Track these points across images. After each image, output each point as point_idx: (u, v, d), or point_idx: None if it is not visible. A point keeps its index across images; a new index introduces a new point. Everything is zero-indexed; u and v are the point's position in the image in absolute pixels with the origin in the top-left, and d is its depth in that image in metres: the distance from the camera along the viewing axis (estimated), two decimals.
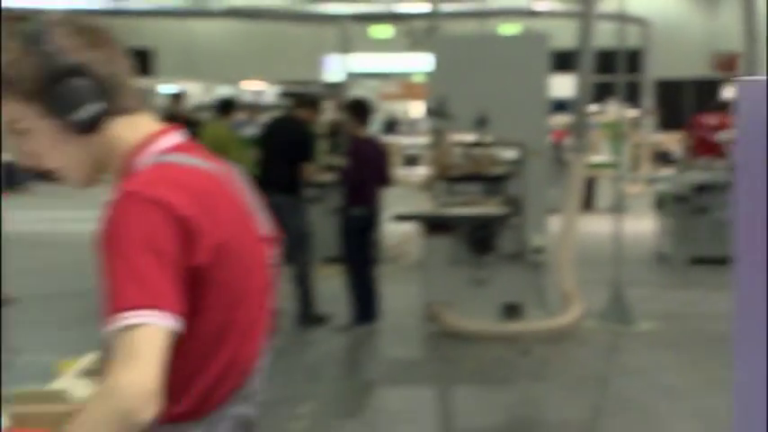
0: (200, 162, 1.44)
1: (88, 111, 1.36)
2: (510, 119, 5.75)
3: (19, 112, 1.39)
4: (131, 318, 1.24)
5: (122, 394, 1.23)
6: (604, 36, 7.20)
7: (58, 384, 2.49)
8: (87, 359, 2.49)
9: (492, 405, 5.08)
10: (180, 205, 1.30)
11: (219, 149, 7.08)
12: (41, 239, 9.93)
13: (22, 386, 2.51)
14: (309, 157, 6.39)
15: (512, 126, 5.84)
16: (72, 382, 2.51)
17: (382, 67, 17.75)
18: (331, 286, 6.76)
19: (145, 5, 15.37)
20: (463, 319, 6.04)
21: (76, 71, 1.36)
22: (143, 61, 16.95)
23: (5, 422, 2.07)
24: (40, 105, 1.37)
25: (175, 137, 1.47)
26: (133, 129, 1.45)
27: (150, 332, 1.25)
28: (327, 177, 7.20)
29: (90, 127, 1.38)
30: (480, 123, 5.70)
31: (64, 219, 10.86)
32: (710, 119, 8.55)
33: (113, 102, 1.41)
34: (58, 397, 2.37)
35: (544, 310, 6.11)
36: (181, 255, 1.30)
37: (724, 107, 8.73)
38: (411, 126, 15.43)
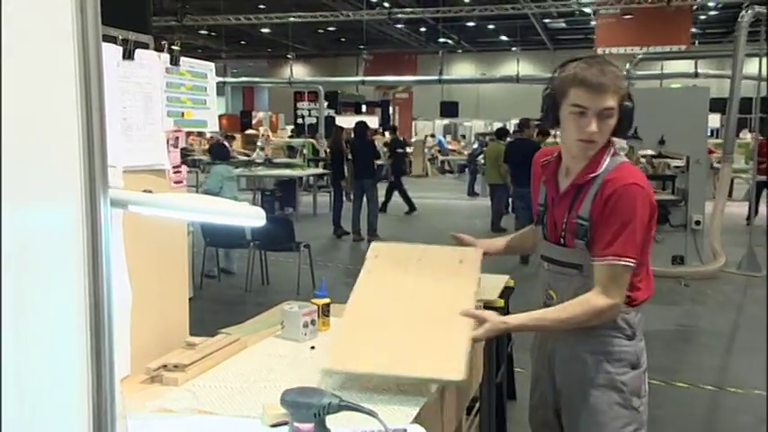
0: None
1: (631, 128, 1.88)
2: (681, 140, 7.23)
3: (613, 106, 1.78)
4: (628, 261, 1.77)
5: (617, 306, 1.79)
6: (745, 88, 8.64)
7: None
8: None
9: (665, 319, 5.97)
10: (651, 194, 1.79)
11: (497, 159, 9.81)
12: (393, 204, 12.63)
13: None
14: None
15: (682, 145, 7.39)
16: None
17: None
18: None
19: (456, 77, 24.77)
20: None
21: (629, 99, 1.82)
22: (454, 108, 25.93)
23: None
24: (618, 110, 1.79)
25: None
26: None
27: (628, 272, 1.78)
28: None
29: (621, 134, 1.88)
30: (661, 143, 7.25)
31: (412, 196, 13.24)
32: None
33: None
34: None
35: (700, 261, 7.41)
36: (650, 227, 1.82)
37: None
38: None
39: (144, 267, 1.80)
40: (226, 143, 12.13)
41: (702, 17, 20.46)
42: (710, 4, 17.55)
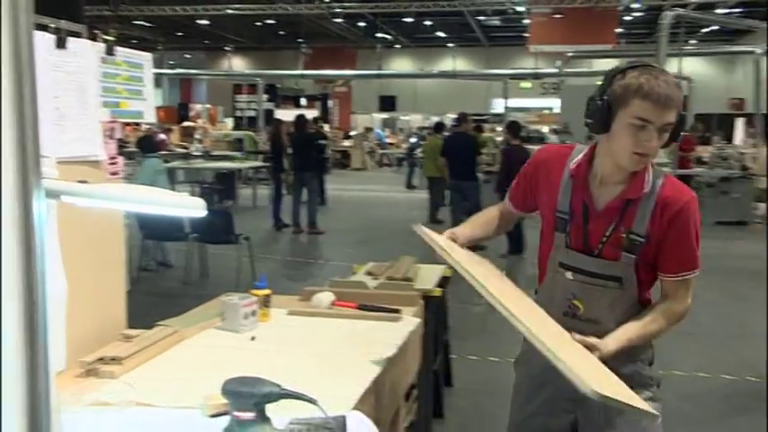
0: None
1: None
2: None
3: (673, 122, 1.70)
4: (697, 272, 1.85)
5: (687, 309, 1.87)
6: None
7: (355, 278, 3.06)
8: (368, 265, 3.00)
9: None
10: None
11: (434, 153, 9.90)
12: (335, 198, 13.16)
13: (334, 279, 2.91)
14: (476, 155, 8.26)
15: None
16: (363, 277, 3.07)
17: (526, 104, 24.40)
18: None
19: (394, 72, 25.51)
20: None
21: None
22: (392, 103, 27.57)
23: (331, 297, 2.48)
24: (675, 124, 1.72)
25: None
26: None
27: (695, 281, 1.85)
28: (492, 168, 8.87)
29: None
30: (589, 138, 8.00)
31: (350, 189, 14.25)
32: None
33: None
34: (358, 285, 2.80)
35: None
36: None
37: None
38: (542, 140, 18.49)
39: (79, 260, 1.75)
40: (162, 135, 11.86)
41: (627, 18, 21.07)
42: (635, 5, 18.11)
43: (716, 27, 20.23)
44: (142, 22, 22.75)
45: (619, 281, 1.82)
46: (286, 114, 15.31)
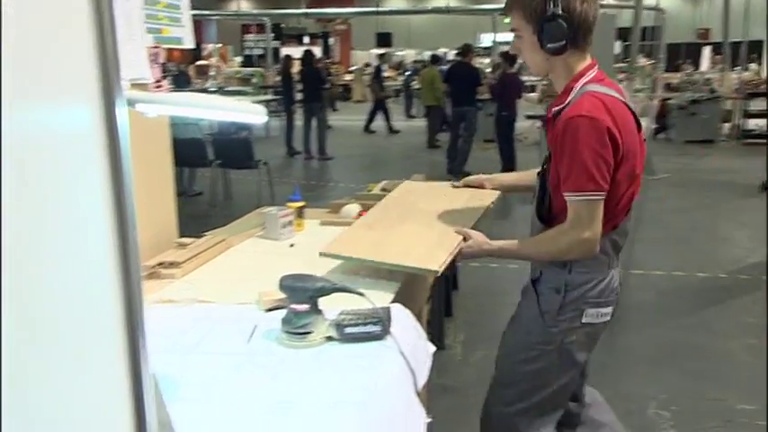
0: (608, 89, 1.55)
1: (558, 45, 1.52)
2: None
3: (520, 25, 1.57)
4: (587, 195, 1.51)
5: (586, 240, 1.54)
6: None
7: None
8: (382, 183, 2.84)
9: None
10: (606, 121, 1.48)
11: (431, 83, 9.72)
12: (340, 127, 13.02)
13: (357, 193, 2.82)
14: (479, 84, 8.11)
15: None
16: (380, 193, 2.81)
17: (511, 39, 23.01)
18: (488, 155, 8.47)
19: (391, 8, 23.88)
20: None
21: (563, 18, 1.49)
22: (388, 39, 25.85)
23: (357, 208, 2.42)
24: (532, 27, 1.54)
25: (595, 70, 1.59)
26: (579, 61, 1.58)
27: (597, 205, 1.52)
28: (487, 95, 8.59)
29: (555, 53, 1.54)
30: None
31: (353, 119, 14.07)
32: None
33: (577, 40, 1.54)
34: (380, 197, 2.49)
35: None
36: (609, 153, 1.49)
37: None
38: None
39: (136, 170, 1.71)
40: (187, 71, 11.63)
41: None
42: None
43: None
44: None
45: (534, 197, 1.71)
46: (292, 51, 14.95)
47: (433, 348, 1.51)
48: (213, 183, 6.94)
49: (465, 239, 1.75)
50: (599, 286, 1.65)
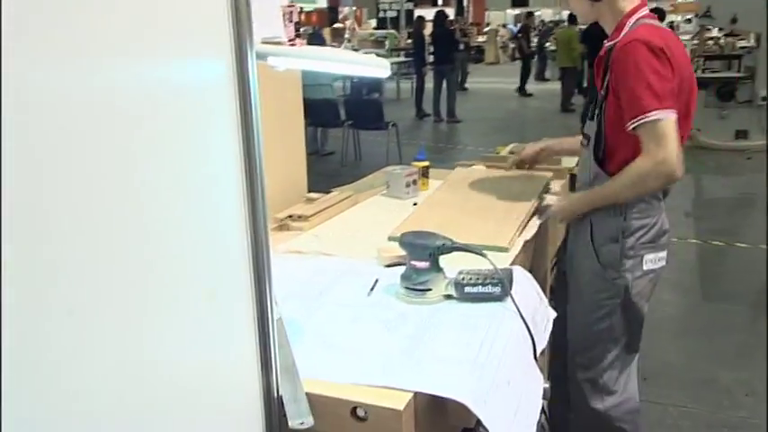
0: (659, 24, 1.60)
1: None
2: (754, 18, 6.48)
3: None
4: (652, 116, 1.46)
5: (662, 162, 1.49)
6: None
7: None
8: (510, 146, 2.78)
9: (728, 188, 6.03)
10: (661, 44, 1.50)
11: (568, 43, 9.33)
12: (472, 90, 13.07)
13: (483, 155, 2.65)
14: None
15: (755, 23, 6.63)
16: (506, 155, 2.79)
17: None
18: None
19: None
20: (711, 138, 6.99)
21: None
22: None
23: (483, 170, 2.39)
24: None
25: (646, 9, 1.62)
26: (628, 2, 1.61)
27: (665, 124, 1.47)
28: None
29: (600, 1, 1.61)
30: (733, 21, 6.76)
31: (484, 81, 14.06)
32: None
33: None
34: (507, 159, 2.49)
35: (762, 135, 6.83)
36: (669, 72, 1.50)
37: None
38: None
39: (268, 125, 1.78)
40: (322, 34, 11.93)
41: None
42: None
43: None
44: None
45: (588, 140, 1.72)
46: (425, 13, 14.82)
47: (553, 314, 1.46)
48: (344, 143, 7.12)
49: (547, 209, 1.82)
50: (653, 230, 1.67)
